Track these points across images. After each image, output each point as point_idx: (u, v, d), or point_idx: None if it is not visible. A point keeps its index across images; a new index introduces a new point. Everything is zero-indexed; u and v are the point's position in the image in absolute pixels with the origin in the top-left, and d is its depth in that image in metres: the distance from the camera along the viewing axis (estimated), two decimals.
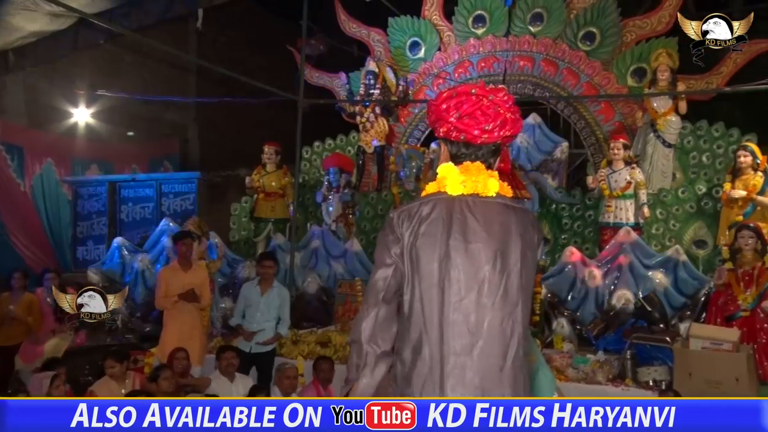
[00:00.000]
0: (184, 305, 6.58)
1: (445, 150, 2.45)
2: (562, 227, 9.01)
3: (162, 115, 14.95)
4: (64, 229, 12.74)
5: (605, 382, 6.01)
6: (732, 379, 5.42)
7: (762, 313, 6.03)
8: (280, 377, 5.97)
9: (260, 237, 9.76)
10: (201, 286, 6.76)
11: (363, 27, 11.03)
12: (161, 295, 6.65)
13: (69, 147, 13.37)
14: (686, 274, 7.10)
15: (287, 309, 6.81)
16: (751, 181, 7.31)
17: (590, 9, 9.50)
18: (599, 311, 7.18)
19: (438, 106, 2.42)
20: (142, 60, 13.84)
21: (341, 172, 9.62)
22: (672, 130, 8.41)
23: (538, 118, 9.91)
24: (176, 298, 6.51)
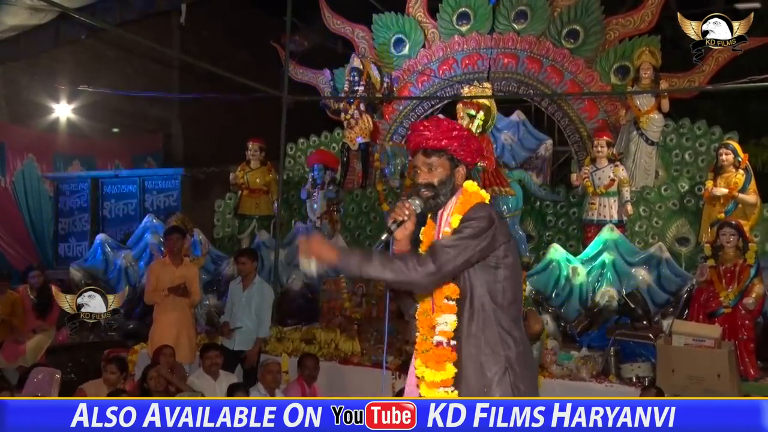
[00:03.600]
0: (175, 301, 6.56)
1: (464, 173, 2.82)
2: (546, 224, 9.05)
3: (145, 110, 14.81)
4: (46, 225, 12.63)
5: (589, 378, 6.04)
6: (714, 375, 5.46)
7: (743, 310, 6.09)
8: (264, 373, 5.97)
9: (244, 234, 9.72)
10: (191, 282, 6.74)
11: (347, 23, 11.00)
12: (151, 289, 6.63)
13: (51, 143, 13.24)
14: (669, 271, 7.15)
15: (267, 308, 6.71)
16: (733, 179, 7.38)
17: (574, 7, 9.54)
18: (583, 308, 7.22)
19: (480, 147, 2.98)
20: (124, 55, 13.70)
21: (326, 169, 9.60)
22: (655, 128, 8.47)
23: (523, 116, 9.96)
24: (166, 292, 6.49)
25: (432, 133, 2.75)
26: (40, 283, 7.73)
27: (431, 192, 2.74)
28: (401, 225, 2.64)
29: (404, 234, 2.68)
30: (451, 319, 2.60)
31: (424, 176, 2.77)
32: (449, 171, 2.76)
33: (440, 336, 2.60)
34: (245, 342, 6.58)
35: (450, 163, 2.77)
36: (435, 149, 2.75)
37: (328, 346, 7.06)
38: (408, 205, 2.67)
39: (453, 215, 2.69)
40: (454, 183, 2.78)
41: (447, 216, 2.73)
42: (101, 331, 8.43)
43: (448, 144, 2.75)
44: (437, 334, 2.62)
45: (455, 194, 2.77)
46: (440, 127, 2.76)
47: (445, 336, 2.60)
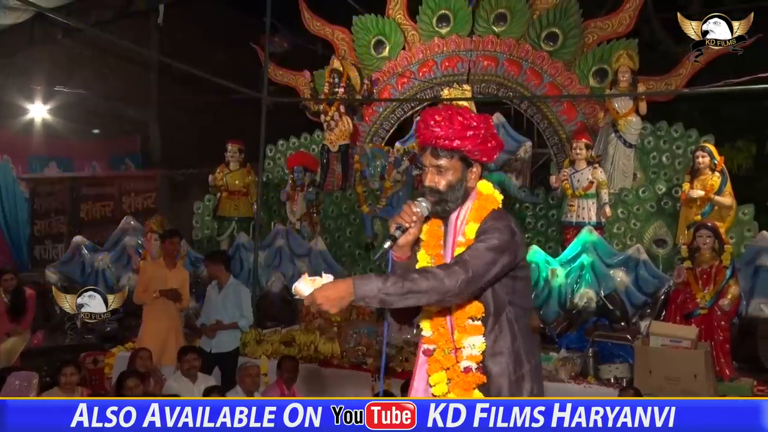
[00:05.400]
0: (165, 304, 6.52)
1: (479, 172, 2.54)
2: (525, 226, 9.08)
3: (123, 112, 14.69)
4: (21, 227, 12.48)
5: (568, 379, 6.07)
6: (690, 376, 5.52)
7: (719, 311, 6.15)
8: (242, 376, 5.92)
9: (224, 236, 9.68)
10: (182, 287, 6.71)
11: (327, 25, 10.99)
12: (141, 289, 6.58)
13: (26, 144, 13.11)
14: (647, 273, 7.22)
15: (247, 304, 6.72)
16: (709, 181, 7.46)
17: (553, 10, 9.60)
18: (562, 309, 7.27)
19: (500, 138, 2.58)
20: (101, 56, 13.58)
21: (305, 171, 9.59)
22: (633, 130, 8.53)
23: (502, 118, 10.00)
24: (157, 294, 6.44)
25: (444, 131, 2.42)
26: (13, 286, 7.60)
27: (436, 198, 2.46)
28: (405, 232, 2.40)
29: (407, 240, 2.45)
30: (479, 341, 2.39)
31: (431, 179, 2.48)
32: (460, 174, 2.46)
33: (468, 361, 2.39)
34: (223, 344, 6.55)
35: (462, 165, 2.46)
36: (446, 149, 2.44)
37: (308, 348, 7.03)
38: (414, 208, 2.41)
39: (468, 223, 2.45)
40: (466, 186, 2.49)
41: (461, 224, 2.48)
42: (78, 335, 8.33)
43: (462, 145, 2.43)
44: (465, 359, 2.40)
45: (468, 198, 2.50)
46: (453, 124, 2.41)
47: (474, 361, 2.39)
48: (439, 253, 2.54)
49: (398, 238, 2.38)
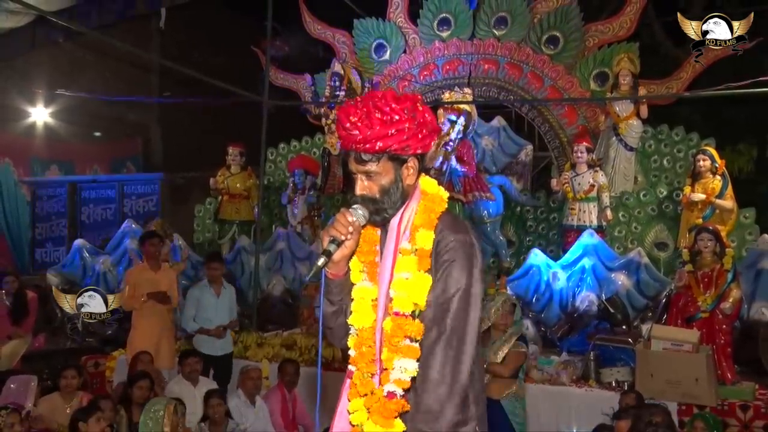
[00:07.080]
0: (154, 307, 6.49)
1: (417, 166, 2.21)
2: (526, 229, 9.09)
3: (124, 115, 14.71)
4: (22, 230, 12.49)
5: (569, 383, 6.08)
6: (692, 380, 5.51)
7: (721, 315, 6.13)
8: (244, 379, 5.92)
9: (225, 239, 9.68)
10: (170, 287, 6.69)
11: (328, 28, 10.99)
12: (129, 295, 6.54)
13: (28, 147, 13.13)
14: (648, 276, 7.21)
15: (234, 303, 6.96)
16: (710, 185, 7.44)
17: (554, 13, 9.59)
18: (563, 313, 7.26)
19: (434, 119, 2.22)
20: (103, 59, 13.61)
21: (306, 174, 9.60)
22: (633, 134, 8.53)
23: (503, 121, 10.01)
24: (145, 298, 6.42)
25: (362, 134, 2.09)
26: (15, 289, 7.61)
27: (372, 207, 2.16)
28: (341, 245, 2.10)
29: (343, 254, 2.14)
30: (412, 366, 2.05)
31: (362, 187, 2.18)
32: (393, 175, 2.14)
33: (394, 386, 2.06)
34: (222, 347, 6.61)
35: (393, 164, 2.14)
36: (369, 153, 2.12)
37: (309, 352, 7.03)
38: (350, 217, 2.12)
39: (419, 230, 2.12)
40: (403, 186, 2.17)
41: (405, 229, 2.16)
42: (79, 338, 8.34)
43: (386, 146, 2.10)
44: (391, 382, 2.07)
45: (410, 198, 2.19)
46: (372, 123, 2.08)
47: (401, 386, 2.06)
48: (373, 260, 2.24)
49: (333, 252, 2.08)
